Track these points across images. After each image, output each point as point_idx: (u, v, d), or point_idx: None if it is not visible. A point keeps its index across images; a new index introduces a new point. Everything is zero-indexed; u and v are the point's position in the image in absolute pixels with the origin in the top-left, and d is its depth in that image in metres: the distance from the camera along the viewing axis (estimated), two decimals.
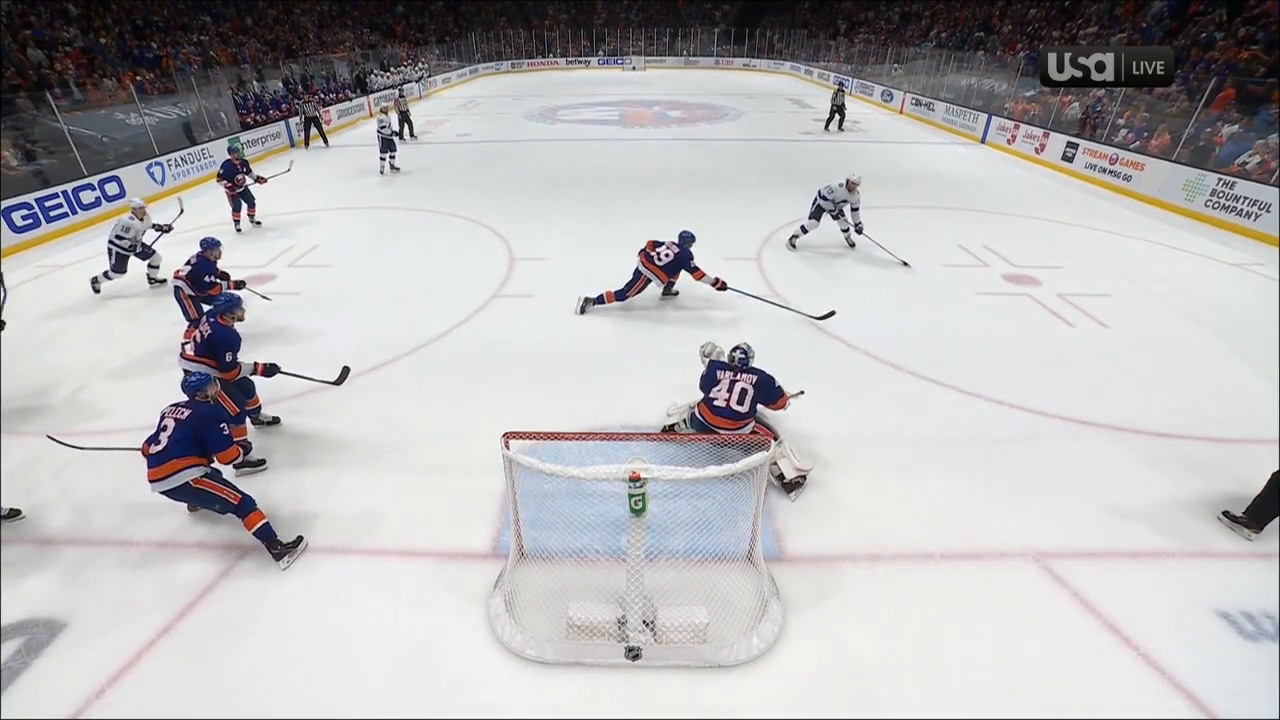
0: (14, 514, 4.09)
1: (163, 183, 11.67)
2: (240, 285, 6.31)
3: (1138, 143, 12.13)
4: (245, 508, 3.62)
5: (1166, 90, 12.12)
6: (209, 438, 3.49)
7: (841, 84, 19.07)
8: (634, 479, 2.79)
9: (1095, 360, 5.97)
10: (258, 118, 15.61)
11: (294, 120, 16.27)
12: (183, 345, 4.46)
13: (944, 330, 6.53)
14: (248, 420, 4.61)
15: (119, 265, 7.27)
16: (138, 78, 14.62)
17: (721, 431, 4.17)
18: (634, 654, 3.12)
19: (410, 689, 3.04)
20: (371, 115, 21.14)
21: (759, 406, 4.32)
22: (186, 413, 3.51)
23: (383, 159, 12.79)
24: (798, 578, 3.61)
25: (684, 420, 4.64)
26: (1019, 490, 4.32)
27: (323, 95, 19.16)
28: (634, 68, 37.62)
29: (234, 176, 8.91)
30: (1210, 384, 5.60)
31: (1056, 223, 10.07)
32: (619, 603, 3.23)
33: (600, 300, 6.81)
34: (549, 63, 38.57)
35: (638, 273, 6.68)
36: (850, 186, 8.16)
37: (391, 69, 25.36)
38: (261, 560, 3.74)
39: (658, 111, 21.89)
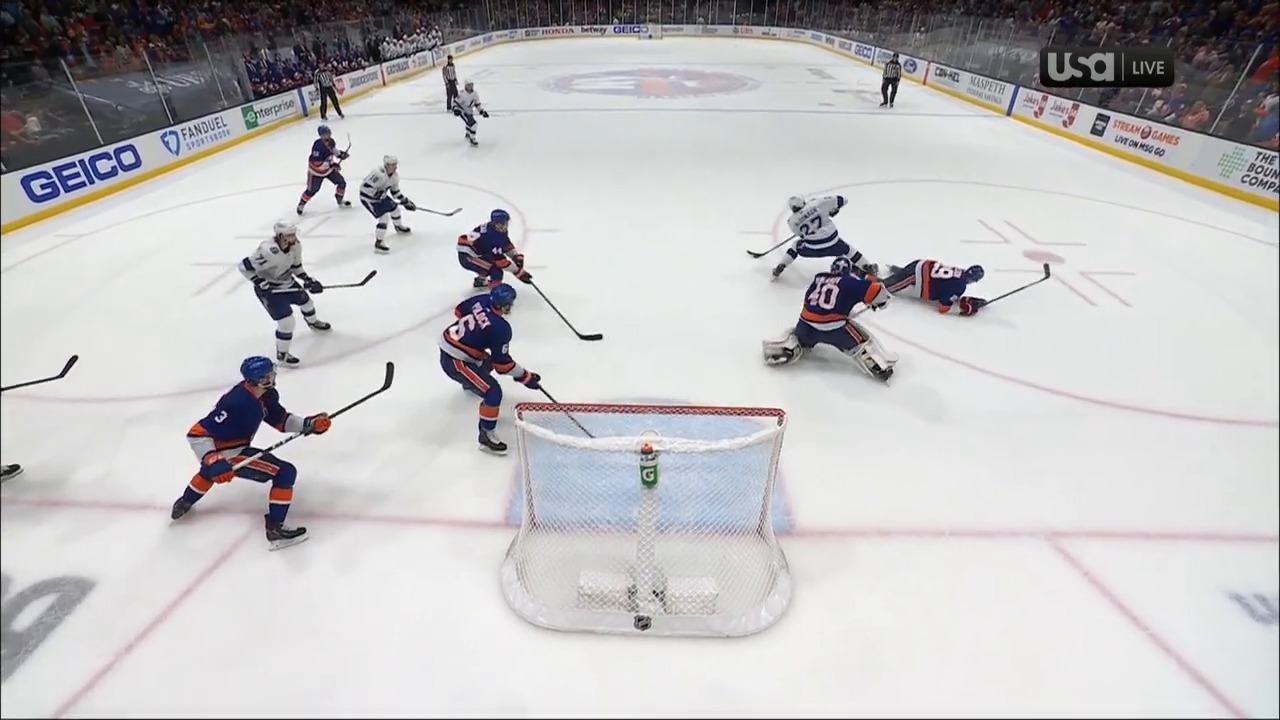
0: (13, 469, 4.24)
1: (177, 152, 11.68)
2: (520, 262, 6.21)
3: (1173, 115, 11.68)
4: (281, 481, 3.69)
5: (1207, 59, 11.62)
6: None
7: (895, 57, 18.09)
8: (646, 451, 2.80)
9: (1116, 339, 5.86)
10: (270, 86, 15.49)
11: (308, 89, 16.13)
12: (449, 328, 4.35)
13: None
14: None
15: (376, 213, 7.60)
16: (150, 45, 14.52)
17: (813, 325, 5.14)
18: (643, 623, 3.17)
19: (424, 653, 3.11)
20: (385, 85, 20.92)
21: (855, 309, 5.18)
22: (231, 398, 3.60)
23: (469, 133, 12.70)
24: (807, 552, 3.63)
25: (789, 349, 5.34)
26: (1032, 469, 4.29)
27: (335, 64, 18.94)
28: (650, 36, 36.76)
29: (327, 158, 8.69)
30: (1235, 366, 5.48)
31: (1082, 199, 9.79)
32: (629, 573, 3.28)
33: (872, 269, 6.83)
34: (564, 30, 37.80)
35: (911, 270, 6.48)
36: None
37: (405, 36, 24.96)
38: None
39: (674, 81, 21.44)
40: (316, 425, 3.77)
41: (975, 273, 6.20)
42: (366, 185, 7.50)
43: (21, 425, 4.49)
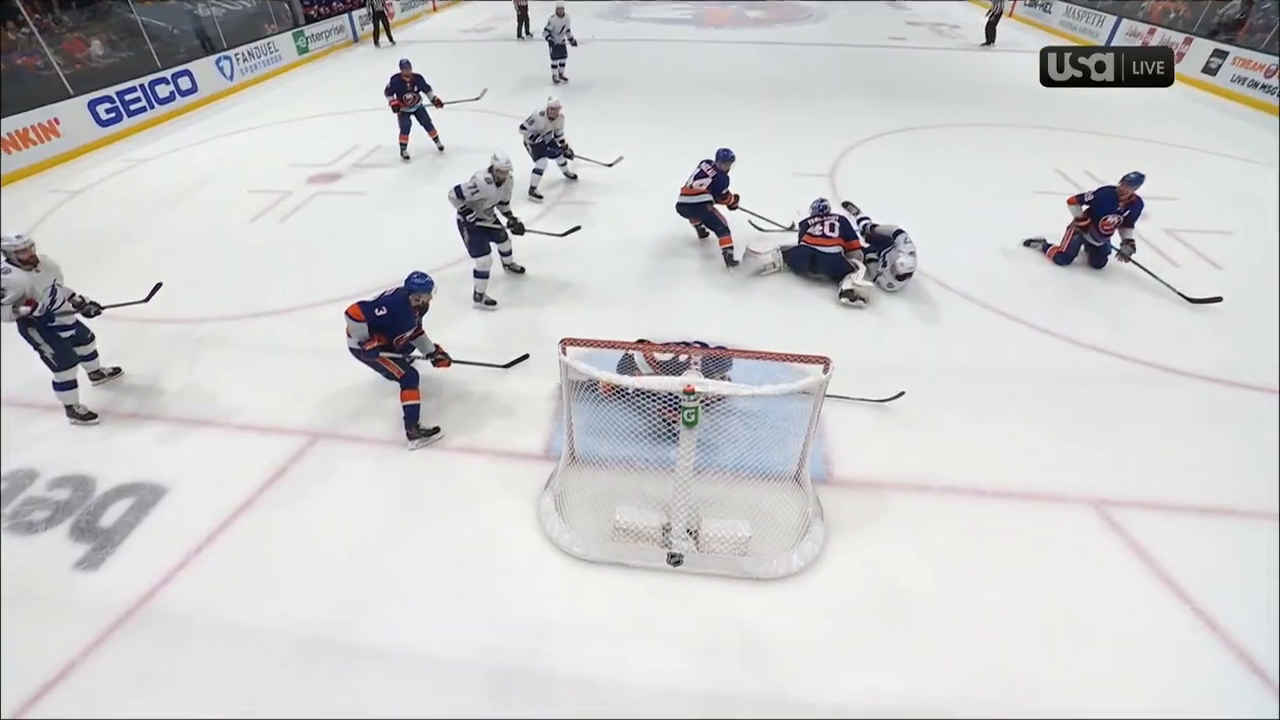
0: (115, 371, 4.63)
1: (231, 77, 11.76)
2: (735, 203, 6.02)
3: None
4: (406, 383, 3.97)
5: None
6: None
7: None
8: (688, 392, 2.78)
9: (1198, 303, 5.42)
10: (320, 10, 15.24)
11: (358, 13, 15.82)
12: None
13: (1025, 262, 6.07)
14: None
15: (534, 157, 7.21)
16: None
17: (819, 249, 5.51)
18: (676, 560, 3.23)
19: (462, 575, 3.27)
20: (435, 10, 20.35)
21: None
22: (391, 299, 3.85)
23: (554, 66, 12.00)
24: (843, 501, 3.61)
25: (773, 263, 5.78)
26: (1087, 434, 4.11)
27: None
28: None
29: (402, 94, 8.07)
30: None
31: (1181, 147, 8.88)
32: (665, 510, 3.32)
33: (1045, 249, 6.16)
34: None
35: (1079, 238, 5.84)
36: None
37: None
38: (331, 447, 4.02)
39: (736, 10, 20.14)
40: (438, 357, 4.09)
41: (1136, 179, 5.45)
42: (523, 126, 6.99)
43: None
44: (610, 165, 7.69)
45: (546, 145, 7.13)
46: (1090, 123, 9.86)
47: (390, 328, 3.85)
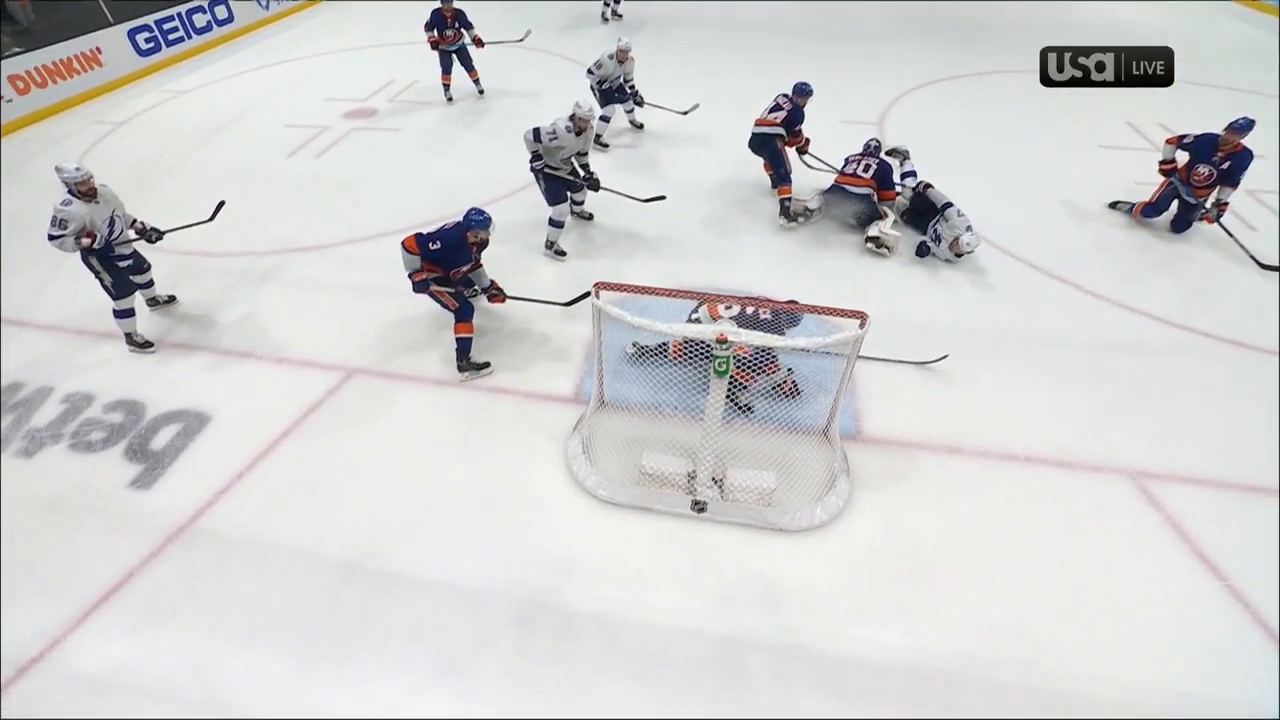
0: (171, 299, 4.81)
1: (267, 7, 11.55)
2: (806, 147, 5.94)
3: None
4: (460, 316, 4.07)
5: None
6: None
7: None
8: (721, 341, 2.74)
9: (1267, 270, 5.06)
10: None
11: None
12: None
13: (1083, 221, 5.73)
14: None
15: (601, 103, 6.77)
16: None
17: (846, 187, 5.38)
18: (700, 507, 3.27)
19: (489, 511, 3.37)
20: None
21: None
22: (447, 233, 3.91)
23: (606, 4, 11.40)
24: (871, 458, 3.58)
25: (819, 208, 5.65)
26: (1131, 404, 3.95)
27: None
28: None
29: (443, 31, 7.58)
30: None
31: (1275, 97, 8.05)
32: (691, 458, 3.34)
33: (1131, 210, 5.81)
34: None
35: (1172, 191, 5.44)
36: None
37: None
38: (366, 383, 4.12)
39: None
40: (493, 293, 4.17)
41: (1245, 125, 4.88)
42: (590, 71, 6.61)
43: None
44: (685, 113, 7.24)
45: (615, 91, 6.77)
46: (1176, 70, 9.00)
47: (445, 261, 3.90)
